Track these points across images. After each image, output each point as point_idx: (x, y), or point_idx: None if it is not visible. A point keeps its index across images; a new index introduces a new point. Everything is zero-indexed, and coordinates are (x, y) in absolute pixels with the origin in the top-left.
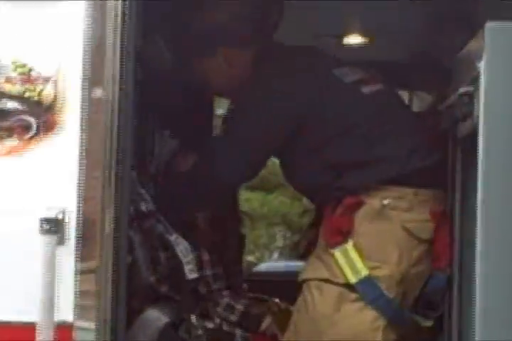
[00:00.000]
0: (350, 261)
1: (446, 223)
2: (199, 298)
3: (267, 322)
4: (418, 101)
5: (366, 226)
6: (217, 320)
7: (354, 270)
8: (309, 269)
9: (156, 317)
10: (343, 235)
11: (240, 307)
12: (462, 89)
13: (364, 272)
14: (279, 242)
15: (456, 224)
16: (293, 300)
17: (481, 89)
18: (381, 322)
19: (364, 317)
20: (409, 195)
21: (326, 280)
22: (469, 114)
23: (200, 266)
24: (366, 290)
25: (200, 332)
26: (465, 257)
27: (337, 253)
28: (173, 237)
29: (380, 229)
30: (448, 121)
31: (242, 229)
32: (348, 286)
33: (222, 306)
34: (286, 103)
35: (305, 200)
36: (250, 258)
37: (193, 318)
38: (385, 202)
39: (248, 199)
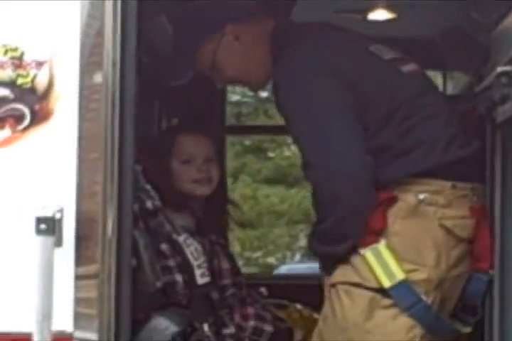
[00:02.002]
0: (383, 263)
1: (486, 220)
2: (211, 304)
3: (299, 337)
4: (453, 83)
5: (400, 225)
6: (233, 328)
7: (388, 273)
8: (336, 272)
9: (164, 326)
10: (375, 234)
11: (268, 328)
12: (500, 69)
13: (399, 276)
14: (302, 242)
15: (497, 220)
16: (316, 306)
17: None
18: (418, 331)
19: (399, 326)
20: (447, 189)
21: (357, 285)
22: (509, 96)
23: (219, 275)
24: (402, 295)
25: None
26: (507, 257)
27: (368, 254)
28: (182, 238)
29: (415, 227)
30: (485, 104)
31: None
32: (381, 291)
33: (249, 331)
34: (339, 84)
35: None
36: (270, 259)
37: (206, 327)
38: (421, 197)
39: (267, 194)
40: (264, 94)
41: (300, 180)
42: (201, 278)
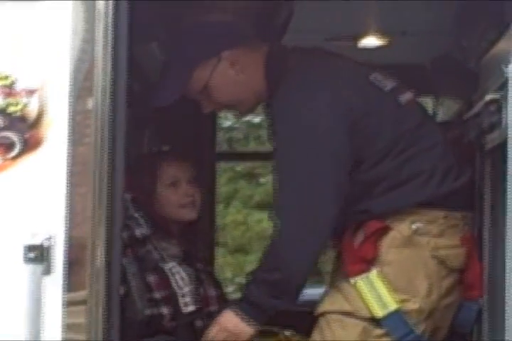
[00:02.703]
0: (375, 293)
1: (476, 248)
2: (196, 332)
3: None
4: (443, 109)
5: (393, 254)
6: None
7: (380, 303)
8: (327, 301)
9: None
10: (366, 263)
11: None
12: (489, 97)
13: (392, 306)
14: None
15: (486, 248)
16: (307, 333)
17: (510, 96)
18: None
19: None
20: (439, 219)
21: (348, 314)
22: (497, 123)
23: (205, 302)
24: (394, 325)
25: None
26: (496, 285)
27: (360, 283)
28: (169, 266)
29: (408, 257)
30: (474, 131)
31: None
32: (373, 321)
33: None
34: (337, 116)
35: None
36: None
37: None
38: (415, 227)
39: (258, 220)
40: (256, 119)
41: None
42: (185, 307)
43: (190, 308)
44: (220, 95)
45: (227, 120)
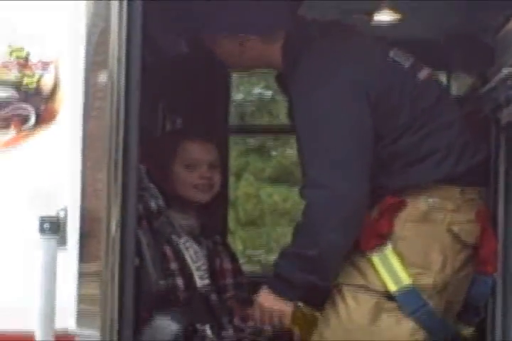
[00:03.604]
0: (389, 268)
1: (491, 224)
2: (211, 306)
3: (297, 337)
4: (457, 84)
5: (409, 230)
6: (232, 330)
7: (394, 277)
8: (341, 274)
9: (166, 324)
10: (382, 238)
11: (267, 328)
12: (505, 71)
13: (406, 280)
14: None
15: (500, 223)
16: (317, 304)
17: None
18: (421, 335)
19: (402, 330)
20: (455, 194)
21: (362, 287)
22: None
23: (221, 275)
24: (407, 300)
25: None
26: (509, 259)
27: (374, 257)
28: (182, 240)
29: (423, 232)
30: (490, 105)
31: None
32: (386, 294)
33: (248, 331)
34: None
35: None
36: (273, 257)
37: (207, 329)
38: (431, 201)
39: (269, 193)
40: (268, 93)
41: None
42: (200, 280)
43: (205, 282)
44: (235, 62)
45: (239, 93)
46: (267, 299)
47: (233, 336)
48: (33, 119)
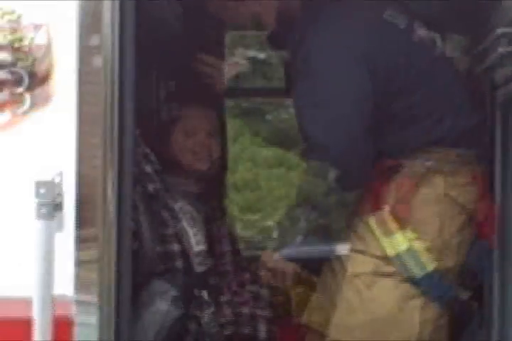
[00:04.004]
0: (387, 231)
1: (488, 187)
2: (208, 271)
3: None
4: (450, 45)
5: (405, 192)
6: (230, 295)
7: (392, 242)
8: (357, 262)
9: (164, 289)
10: (379, 202)
11: (265, 292)
12: (499, 31)
13: (404, 244)
14: (302, 224)
15: (497, 189)
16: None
17: None
18: (419, 300)
19: (401, 294)
20: (452, 157)
21: (360, 252)
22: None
23: (218, 241)
24: (405, 263)
25: (213, 309)
26: (507, 224)
27: (372, 221)
28: (179, 205)
29: (420, 195)
30: (483, 65)
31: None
32: (384, 259)
33: (247, 295)
34: (360, 55)
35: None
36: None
37: (205, 294)
38: (428, 164)
39: (268, 178)
40: (261, 55)
41: (298, 142)
42: (197, 245)
43: (201, 247)
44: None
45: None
46: (269, 259)
47: (231, 300)
48: (26, 82)
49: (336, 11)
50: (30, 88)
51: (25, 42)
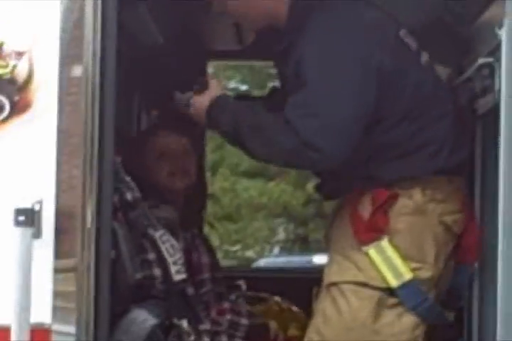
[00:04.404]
0: (388, 262)
1: (473, 212)
2: (187, 300)
3: (274, 330)
4: None
5: (403, 222)
6: (209, 324)
7: (395, 272)
8: (337, 271)
9: (143, 318)
10: (377, 232)
11: (244, 321)
12: (481, 60)
13: (407, 275)
14: (281, 235)
15: (476, 212)
16: (295, 298)
17: (503, 60)
18: (421, 329)
19: (404, 326)
20: (444, 184)
21: (362, 284)
22: (490, 87)
23: (198, 269)
24: (409, 295)
25: (192, 338)
26: (485, 247)
27: (372, 251)
28: (158, 234)
29: (417, 224)
30: (466, 96)
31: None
32: (386, 290)
33: (225, 325)
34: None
35: (309, 188)
36: (249, 253)
37: (184, 323)
38: (426, 193)
39: (246, 187)
40: (243, 87)
41: (279, 173)
42: (177, 274)
43: (181, 276)
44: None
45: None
46: (201, 101)
47: (210, 329)
48: (7, 110)
49: (353, 12)
50: (10, 116)
51: (7, 70)
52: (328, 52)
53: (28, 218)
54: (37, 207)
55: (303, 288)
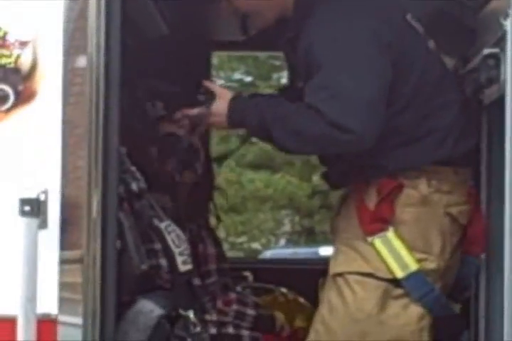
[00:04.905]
0: (394, 253)
1: (479, 204)
2: (193, 291)
3: (280, 321)
4: None
5: (409, 213)
6: (215, 314)
7: (401, 263)
8: (343, 261)
9: (149, 308)
10: (382, 223)
11: (251, 312)
12: (486, 51)
13: (413, 266)
14: (287, 227)
15: (483, 203)
16: (301, 289)
17: (508, 50)
18: (427, 320)
19: (410, 317)
20: (450, 175)
21: (368, 275)
22: (495, 78)
23: (204, 260)
24: (415, 286)
25: (198, 329)
26: (492, 238)
27: (377, 242)
28: (164, 224)
29: (423, 215)
30: (471, 86)
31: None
32: (392, 281)
33: (232, 315)
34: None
35: (314, 180)
36: (255, 244)
37: (191, 314)
38: (432, 184)
39: (251, 179)
40: (248, 79)
41: (284, 165)
42: (183, 265)
43: (188, 267)
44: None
45: (220, 79)
46: (221, 107)
47: (217, 320)
48: (12, 99)
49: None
50: (15, 106)
51: (11, 59)
52: (339, 33)
53: (34, 208)
54: (42, 197)
55: (309, 280)
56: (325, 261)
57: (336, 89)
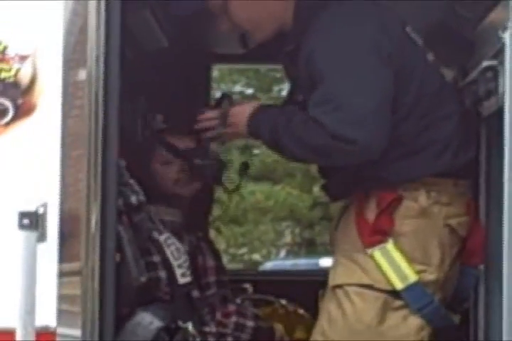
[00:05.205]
0: (394, 265)
1: (478, 215)
2: (192, 303)
3: (279, 333)
4: None
5: (408, 225)
6: (214, 326)
7: (400, 275)
8: (342, 273)
9: (148, 321)
10: (382, 234)
11: (250, 323)
12: (485, 63)
13: (412, 277)
14: (287, 238)
15: (482, 215)
16: (301, 301)
17: (507, 63)
18: (427, 331)
19: (409, 328)
20: (449, 187)
21: (368, 287)
22: (494, 90)
23: (203, 272)
24: (414, 297)
25: (197, 340)
26: (491, 250)
27: (377, 254)
28: (163, 237)
29: (422, 227)
30: (470, 98)
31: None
32: (392, 292)
33: (231, 327)
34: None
35: (315, 191)
36: (255, 256)
37: (190, 326)
38: (431, 196)
39: (252, 191)
40: (249, 91)
41: (285, 176)
42: (182, 277)
43: (187, 279)
44: (237, 13)
45: (220, 91)
46: (241, 112)
47: (216, 332)
48: (11, 113)
49: (361, 8)
50: (14, 120)
51: (11, 73)
52: (339, 45)
53: (33, 221)
54: (41, 211)
55: (309, 291)
56: (325, 272)
57: (339, 100)
